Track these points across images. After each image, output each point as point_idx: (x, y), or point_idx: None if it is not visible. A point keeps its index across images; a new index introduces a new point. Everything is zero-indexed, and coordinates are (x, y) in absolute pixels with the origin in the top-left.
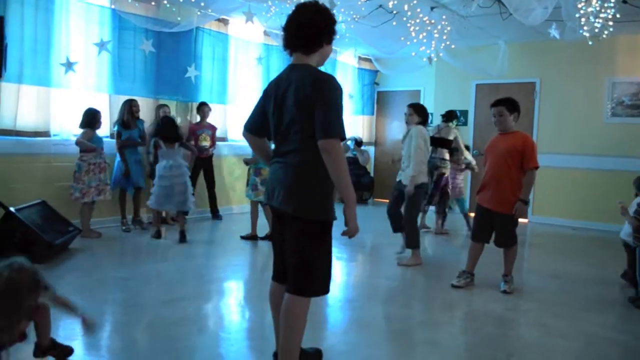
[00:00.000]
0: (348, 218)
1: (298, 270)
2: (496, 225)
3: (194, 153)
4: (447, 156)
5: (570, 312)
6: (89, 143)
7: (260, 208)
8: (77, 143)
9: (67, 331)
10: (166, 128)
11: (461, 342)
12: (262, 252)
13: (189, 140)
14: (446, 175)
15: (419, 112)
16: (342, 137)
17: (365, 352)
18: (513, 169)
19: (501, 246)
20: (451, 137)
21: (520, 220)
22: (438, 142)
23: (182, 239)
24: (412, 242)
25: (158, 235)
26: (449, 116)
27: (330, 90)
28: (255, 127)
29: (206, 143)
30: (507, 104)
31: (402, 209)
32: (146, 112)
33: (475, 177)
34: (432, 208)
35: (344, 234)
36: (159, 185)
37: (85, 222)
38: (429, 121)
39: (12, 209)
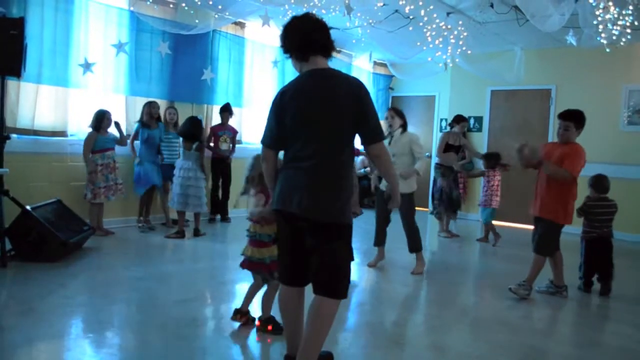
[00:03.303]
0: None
1: (331, 272)
2: (536, 229)
3: (216, 154)
4: (440, 161)
5: (584, 320)
6: (89, 161)
7: None
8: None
9: (76, 329)
10: (183, 126)
11: (473, 349)
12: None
13: (208, 141)
14: (441, 179)
15: (400, 115)
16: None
17: (375, 356)
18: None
19: (533, 249)
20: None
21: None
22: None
23: (197, 233)
24: (416, 245)
25: (182, 235)
26: (452, 121)
27: (369, 95)
28: (277, 143)
29: (226, 145)
30: (576, 120)
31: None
32: (162, 114)
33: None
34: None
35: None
36: (175, 185)
37: (93, 220)
38: (444, 127)
39: (28, 207)
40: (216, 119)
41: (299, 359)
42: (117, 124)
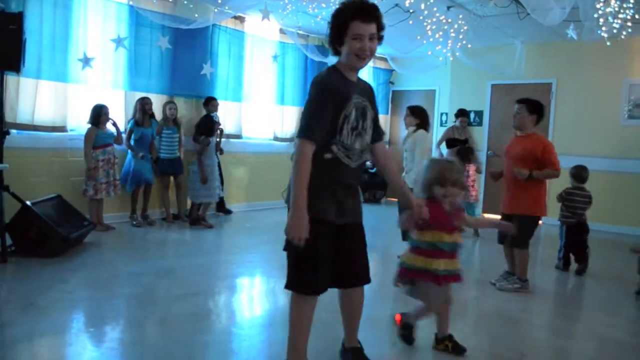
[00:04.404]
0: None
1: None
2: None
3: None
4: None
5: (583, 313)
6: (91, 158)
7: None
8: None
9: (78, 323)
10: (198, 123)
11: (473, 342)
12: (276, 249)
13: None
14: None
15: (416, 114)
16: (310, 137)
17: (376, 349)
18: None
19: (510, 245)
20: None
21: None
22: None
23: (201, 221)
24: None
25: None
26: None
27: (312, 87)
28: None
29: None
30: (528, 103)
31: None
32: (160, 109)
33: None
34: None
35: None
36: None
37: (93, 216)
38: (444, 121)
39: (28, 202)
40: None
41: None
42: (114, 124)
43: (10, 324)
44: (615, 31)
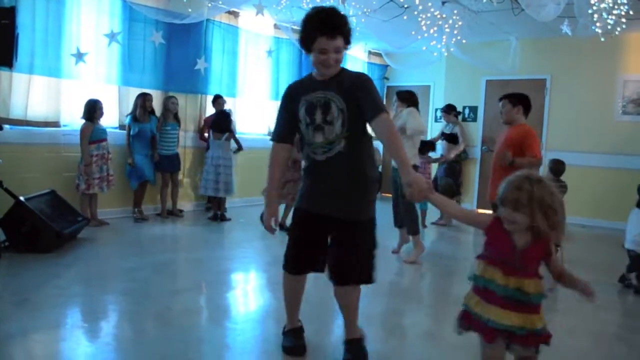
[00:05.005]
0: None
1: None
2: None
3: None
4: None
5: (578, 309)
6: (88, 154)
7: None
8: (82, 152)
9: (72, 319)
10: (216, 120)
11: (467, 338)
12: (270, 243)
13: (202, 132)
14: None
15: (402, 99)
16: (274, 139)
17: (370, 346)
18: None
19: None
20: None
21: None
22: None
23: (222, 218)
24: (412, 228)
25: (215, 217)
26: None
27: None
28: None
29: None
30: (510, 97)
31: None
32: (155, 104)
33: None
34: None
35: None
36: (207, 173)
37: (85, 210)
38: (438, 117)
39: (21, 198)
40: (210, 110)
41: None
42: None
43: (4, 319)
44: (609, 27)
